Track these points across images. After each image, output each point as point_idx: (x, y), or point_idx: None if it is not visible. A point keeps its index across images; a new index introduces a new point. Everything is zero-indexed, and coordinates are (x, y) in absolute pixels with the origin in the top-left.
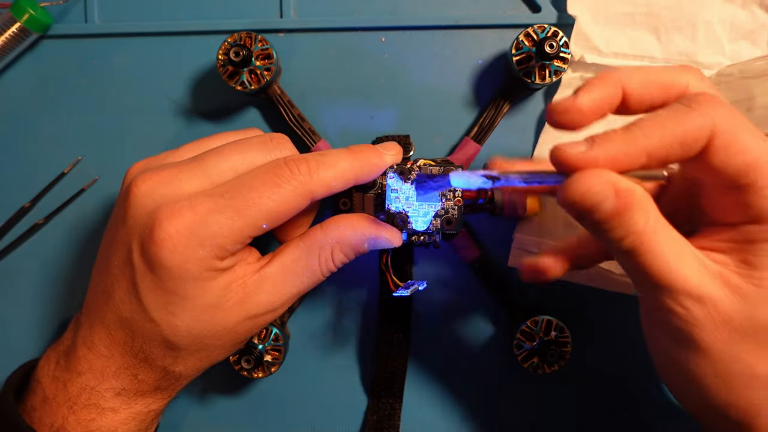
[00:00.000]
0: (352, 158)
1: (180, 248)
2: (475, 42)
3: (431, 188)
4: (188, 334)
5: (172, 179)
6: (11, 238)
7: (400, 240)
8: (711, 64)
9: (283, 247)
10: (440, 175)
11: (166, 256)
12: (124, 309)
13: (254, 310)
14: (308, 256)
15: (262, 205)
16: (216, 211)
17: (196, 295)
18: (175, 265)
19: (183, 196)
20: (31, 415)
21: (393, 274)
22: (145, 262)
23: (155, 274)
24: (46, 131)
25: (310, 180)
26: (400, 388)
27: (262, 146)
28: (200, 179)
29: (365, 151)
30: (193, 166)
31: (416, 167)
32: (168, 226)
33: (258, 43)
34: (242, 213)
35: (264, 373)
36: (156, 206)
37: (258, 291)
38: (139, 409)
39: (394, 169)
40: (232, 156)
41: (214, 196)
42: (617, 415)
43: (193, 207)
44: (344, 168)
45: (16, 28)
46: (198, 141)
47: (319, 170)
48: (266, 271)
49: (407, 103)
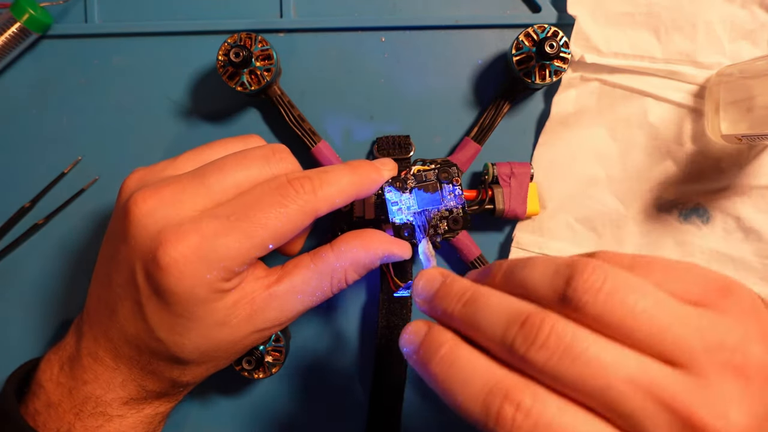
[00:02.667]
0: (352, 174)
1: (187, 273)
2: (475, 42)
3: (430, 194)
4: (195, 350)
5: (174, 198)
6: (11, 238)
7: (410, 252)
8: (711, 64)
9: (294, 266)
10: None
11: (172, 281)
12: (129, 327)
13: (261, 325)
14: (320, 277)
15: (269, 226)
16: (223, 234)
17: (204, 316)
18: (182, 290)
19: (186, 217)
20: (34, 418)
21: (394, 275)
22: (150, 286)
23: (161, 297)
24: (46, 131)
25: (314, 198)
26: (400, 388)
27: (264, 160)
28: (203, 198)
29: (364, 166)
30: (195, 184)
31: (410, 176)
32: (173, 251)
33: (258, 43)
34: (249, 235)
35: (265, 374)
36: (159, 228)
37: (266, 308)
38: (147, 412)
39: (389, 183)
40: (235, 172)
41: (220, 218)
42: None
43: (198, 230)
44: (346, 184)
45: (16, 28)
46: (197, 150)
47: (322, 188)
48: (275, 290)
49: (407, 103)
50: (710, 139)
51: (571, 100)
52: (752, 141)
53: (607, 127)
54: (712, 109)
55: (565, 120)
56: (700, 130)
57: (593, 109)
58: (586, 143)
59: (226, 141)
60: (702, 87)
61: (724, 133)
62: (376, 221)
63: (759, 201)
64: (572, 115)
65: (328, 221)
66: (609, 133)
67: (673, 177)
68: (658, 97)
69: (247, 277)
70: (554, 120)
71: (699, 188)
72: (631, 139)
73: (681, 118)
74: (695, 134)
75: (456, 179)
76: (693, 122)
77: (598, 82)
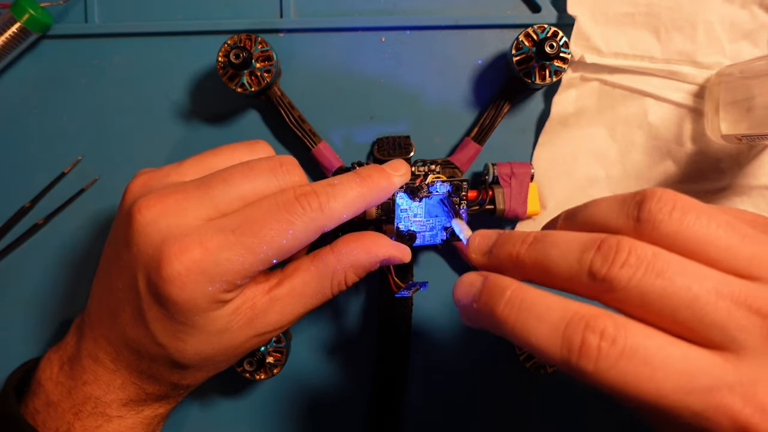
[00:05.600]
0: (360, 186)
1: (189, 286)
2: (475, 42)
3: (439, 206)
4: (196, 355)
5: (178, 207)
6: (11, 238)
7: (410, 256)
8: (711, 64)
9: (294, 270)
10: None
11: (174, 292)
12: (129, 332)
13: (262, 329)
14: (320, 279)
15: (274, 243)
16: (226, 248)
17: (205, 324)
18: (183, 301)
19: (190, 228)
20: (34, 417)
21: (395, 276)
22: (151, 294)
23: (162, 306)
24: (46, 131)
25: (321, 216)
26: (401, 388)
27: (271, 173)
28: (207, 208)
29: (374, 176)
30: (200, 193)
31: (425, 185)
32: (176, 263)
33: (258, 45)
34: (253, 250)
35: (266, 374)
36: (162, 238)
37: (267, 312)
38: (146, 414)
39: (403, 189)
40: (241, 184)
41: (224, 231)
42: (618, 413)
43: (202, 243)
44: (354, 198)
45: (16, 28)
46: (202, 155)
47: (329, 204)
48: (276, 293)
49: (407, 103)
50: (710, 139)
51: (571, 100)
52: (752, 141)
53: (607, 127)
54: (712, 109)
55: (565, 120)
56: (700, 130)
57: (593, 109)
58: (586, 143)
59: (232, 147)
60: (702, 87)
61: (724, 133)
62: (376, 221)
63: (759, 201)
64: (572, 115)
65: None
66: (609, 133)
67: (673, 177)
68: (658, 97)
69: (248, 283)
70: (554, 120)
71: (699, 188)
72: (631, 139)
73: (681, 118)
74: (695, 134)
75: (465, 195)
76: (693, 122)
77: (598, 82)
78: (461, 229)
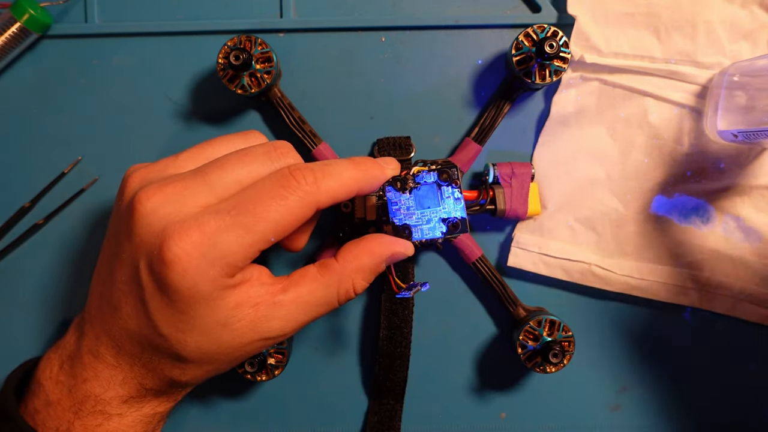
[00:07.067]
0: (355, 169)
1: (190, 270)
2: (475, 42)
3: (429, 196)
4: (197, 349)
5: (177, 195)
6: (11, 238)
7: (412, 249)
8: (711, 64)
9: (300, 277)
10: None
11: (176, 278)
12: (131, 323)
13: (266, 334)
14: (326, 287)
15: (270, 219)
16: (224, 230)
17: (206, 314)
18: (185, 287)
19: (189, 214)
20: (33, 417)
21: (395, 276)
22: (154, 282)
23: (165, 293)
24: (46, 131)
25: (316, 190)
26: (401, 389)
27: (266, 157)
28: (205, 194)
29: (367, 163)
30: (198, 181)
31: (410, 176)
32: (176, 248)
33: (258, 46)
34: (250, 229)
35: (267, 376)
36: (163, 225)
37: (271, 317)
38: (146, 411)
39: (389, 183)
40: (237, 168)
41: (221, 213)
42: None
43: (200, 226)
44: (348, 178)
45: (16, 28)
46: (199, 147)
47: (324, 180)
48: (281, 299)
49: (407, 103)
50: (710, 139)
51: (571, 100)
52: (749, 138)
53: (607, 127)
54: (712, 108)
55: (565, 120)
56: (700, 130)
57: (593, 109)
58: (586, 143)
59: (227, 138)
60: (702, 87)
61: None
62: (377, 222)
63: (759, 201)
64: (572, 115)
65: (331, 223)
66: (609, 132)
67: (673, 177)
68: (658, 97)
69: (252, 281)
70: (554, 120)
71: (699, 188)
72: (631, 139)
73: (681, 118)
74: (695, 134)
75: (456, 181)
76: (693, 122)
77: (598, 82)
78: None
